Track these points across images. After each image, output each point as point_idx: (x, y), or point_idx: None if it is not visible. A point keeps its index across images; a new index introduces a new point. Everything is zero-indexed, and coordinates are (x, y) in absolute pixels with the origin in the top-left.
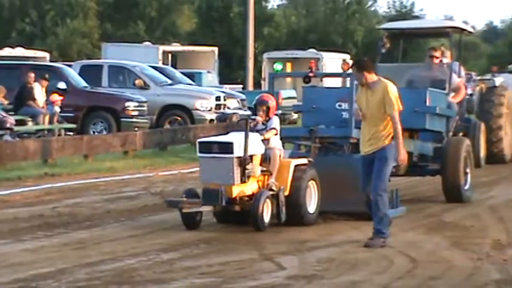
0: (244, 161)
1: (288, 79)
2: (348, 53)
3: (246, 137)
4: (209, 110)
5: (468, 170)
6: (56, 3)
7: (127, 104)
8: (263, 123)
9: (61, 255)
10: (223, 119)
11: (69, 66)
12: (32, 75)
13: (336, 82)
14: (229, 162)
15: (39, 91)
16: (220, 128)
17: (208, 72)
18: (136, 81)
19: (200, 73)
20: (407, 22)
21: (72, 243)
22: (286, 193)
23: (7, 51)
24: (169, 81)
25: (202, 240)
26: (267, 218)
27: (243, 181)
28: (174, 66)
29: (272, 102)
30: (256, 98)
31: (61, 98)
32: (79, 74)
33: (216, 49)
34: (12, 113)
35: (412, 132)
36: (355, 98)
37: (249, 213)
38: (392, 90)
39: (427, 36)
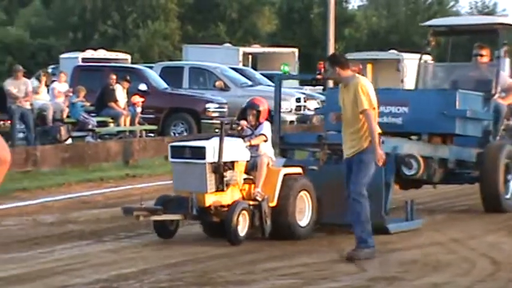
0: (218, 167)
1: None
2: (429, 54)
3: (221, 141)
4: (289, 112)
5: (510, 177)
6: (138, 6)
7: (207, 105)
8: (251, 129)
9: (142, 256)
10: (303, 120)
11: (150, 68)
12: (114, 77)
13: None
14: (202, 168)
15: (120, 93)
16: (300, 130)
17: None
18: (217, 83)
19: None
20: (453, 18)
21: (153, 244)
22: (274, 204)
23: (89, 53)
24: (250, 83)
25: (283, 241)
26: (242, 230)
27: (219, 189)
28: (254, 67)
29: (263, 106)
30: (247, 101)
31: (142, 99)
32: (160, 76)
33: (296, 50)
34: (94, 114)
35: (444, 137)
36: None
37: (224, 225)
38: (365, 86)
39: (474, 33)
